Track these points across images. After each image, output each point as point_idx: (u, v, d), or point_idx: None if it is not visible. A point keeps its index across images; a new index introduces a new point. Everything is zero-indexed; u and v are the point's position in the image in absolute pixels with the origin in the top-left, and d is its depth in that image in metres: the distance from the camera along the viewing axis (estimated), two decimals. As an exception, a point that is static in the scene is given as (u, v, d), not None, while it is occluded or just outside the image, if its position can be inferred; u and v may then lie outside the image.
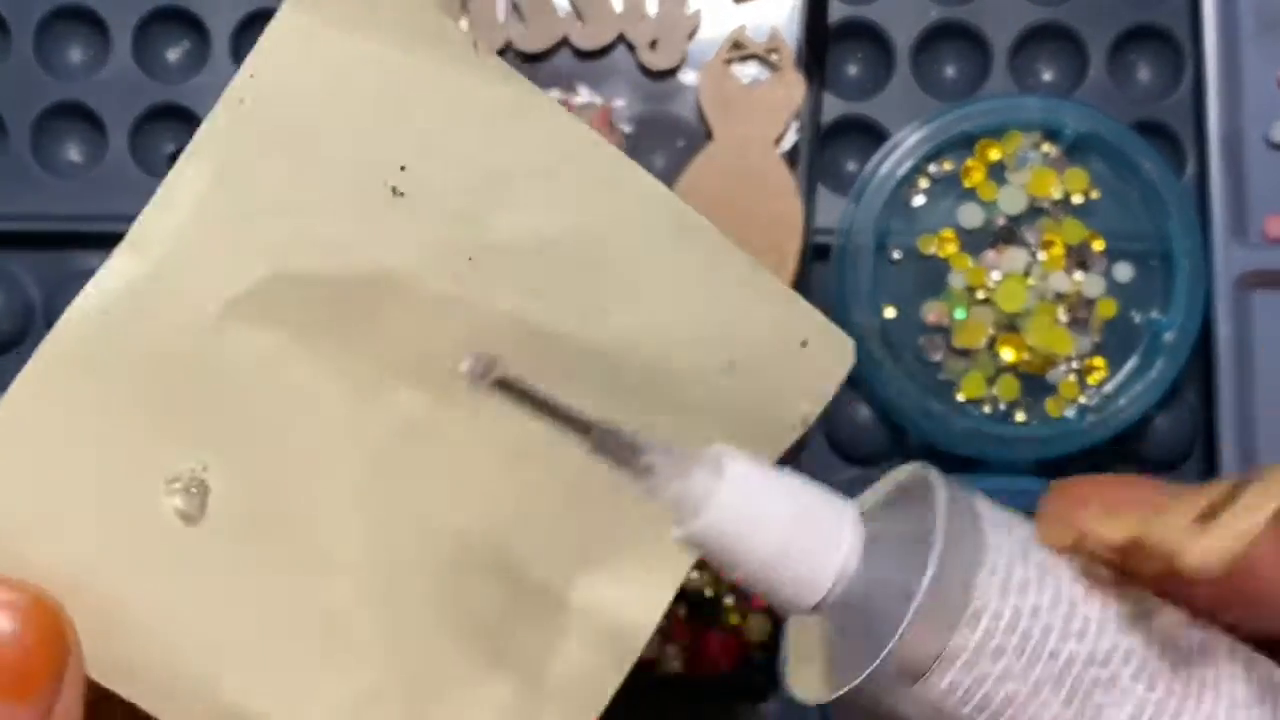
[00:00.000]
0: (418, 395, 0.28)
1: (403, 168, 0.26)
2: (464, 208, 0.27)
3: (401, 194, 0.26)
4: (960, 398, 0.47)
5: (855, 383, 0.49)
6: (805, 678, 0.25)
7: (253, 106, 0.25)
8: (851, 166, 0.50)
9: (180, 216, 0.24)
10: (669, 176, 0.47)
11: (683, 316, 0.30)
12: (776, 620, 0.46)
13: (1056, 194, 0.47)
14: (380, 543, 0.27)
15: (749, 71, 0.48)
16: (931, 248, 0.48)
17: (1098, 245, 0.47)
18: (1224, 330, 0.47)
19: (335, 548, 0.27)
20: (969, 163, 0.48)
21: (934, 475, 0.25)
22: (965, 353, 0.47)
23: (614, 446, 0.24)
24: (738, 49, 0.48)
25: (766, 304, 0.31)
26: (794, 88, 0.47)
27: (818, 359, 0.31)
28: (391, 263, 0.26)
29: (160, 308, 0.24)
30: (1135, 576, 0.24)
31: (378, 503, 0.27)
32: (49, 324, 0.49)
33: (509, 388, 0.24)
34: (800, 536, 0.24)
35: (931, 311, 0.47)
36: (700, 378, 0.30)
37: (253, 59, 0.25)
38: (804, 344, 0.31)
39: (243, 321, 0.25)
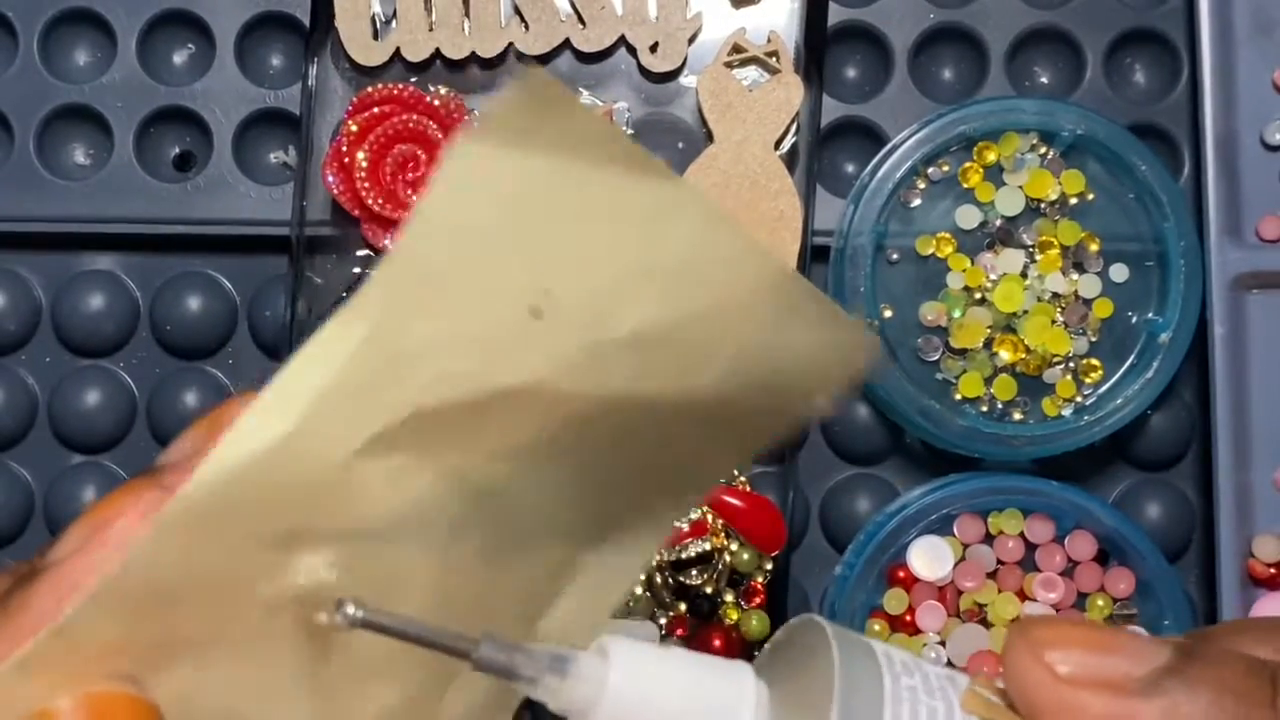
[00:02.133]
0: (500, 466, 0.27)
1: (548, 292, 0.25)
2: (595, 315, 0.26)
3: (540, 314, 0.25)
4: (958, 397, 0.48)
5: (854, 382, 0.49)
6: None
7: (416, 260, 0.24)
8: (850, 168, 0.50)
9: (327, 375, 0.23)
10: (669, 178, 0.48)
11: (752, 366, 0.30)
12: (775, 618, 0.47)
13: (1053, 195, 0.48)
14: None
15: (749, 74, 0.48)
16: (929, 249, 0.48)
17: (1094, 246, 0.48)
18: (1219, 330, 0.47)
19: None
20: (967, 165, 0.48)
21: (829, 629, 0.24)
22: (963, 353, 0.48)
23: (495, 665, 0.24)
24: (738, 52, 0.48)
25: (819, 329, 0.30)
26: (793, 90, 0.48)
27: (845, 361, 0.31)
28: (519, 380, 0.26)
29: (297, 462, 0.24)
30: None
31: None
32: (55, 325, 0.50)
33: (374, 625, 0.24)
34: (697, 716, 0.24)
35: (929, 312, 0.48)
36: (743, 397, 0.30)
37: (424, 210, 0.23)
38: (832, 348, 0.31)
39: (372, 458, 0.25)
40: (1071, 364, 0.48)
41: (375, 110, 0.47)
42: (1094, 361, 0.48)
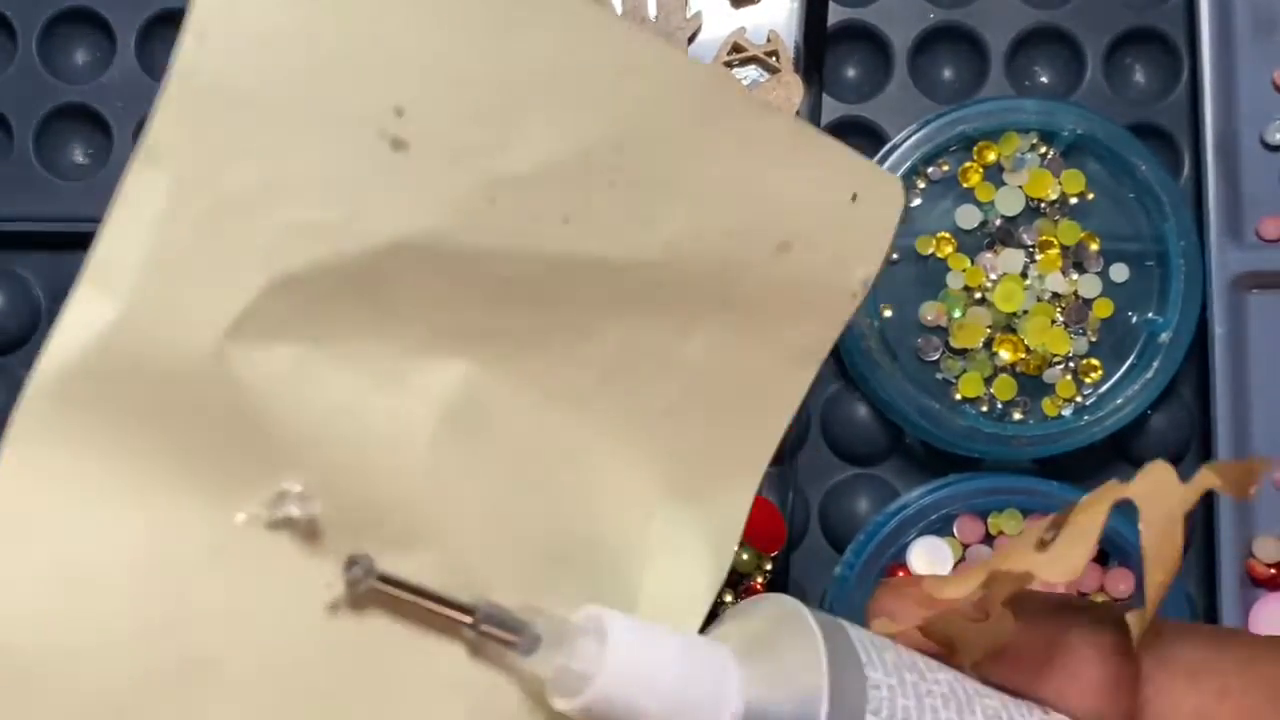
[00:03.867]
0: (455, 366, 0.24)
1: (399, 111, 0.21)
2: (475, 141, 0.22)
3: (404, 143, 0.21)
4: (958, 397, 0.48)
5: (853, 382, 0.49)
6: None
7: (206, 79, 0.20)
8: (850, 168, 0.50)
9: (142, 241, 0.20)
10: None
11: (729, 205, 0.25)
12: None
13: (1053, 195, 0.48)
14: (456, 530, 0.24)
15: (748, 74, 0.48)
16: (929, 248, 0.48)
17: (1094, 246, 0.48)
18: (1219, 330, 0.47)
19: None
20: (966, 164, 0.48)
21: (808, 614, 0.24)
22: (963, 353, 0.48)
23: (493, 631, 0.23)
24: (737, 51, 0.48)
25: (811, 166, 0.26)
26: (793, 90, 0.48)
27: (869, 211, 0.27)
28: (403, 231, 0.22)
29: (145, 352, 0.20)
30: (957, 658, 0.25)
31: (444, 495, 0.24)
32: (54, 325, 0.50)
33: (388, 582, 0.23)
34: (688, 696, 0.23)
35: (929, 312, 0.48)
36: (752, 267, 0.26)
37: (196, 13, 0.19)
38: (854, 198, 0.27)
39: (248, 345, 0.21)
40: (1071, 364, 0.48)
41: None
42: (1094, 361, 0.48)
